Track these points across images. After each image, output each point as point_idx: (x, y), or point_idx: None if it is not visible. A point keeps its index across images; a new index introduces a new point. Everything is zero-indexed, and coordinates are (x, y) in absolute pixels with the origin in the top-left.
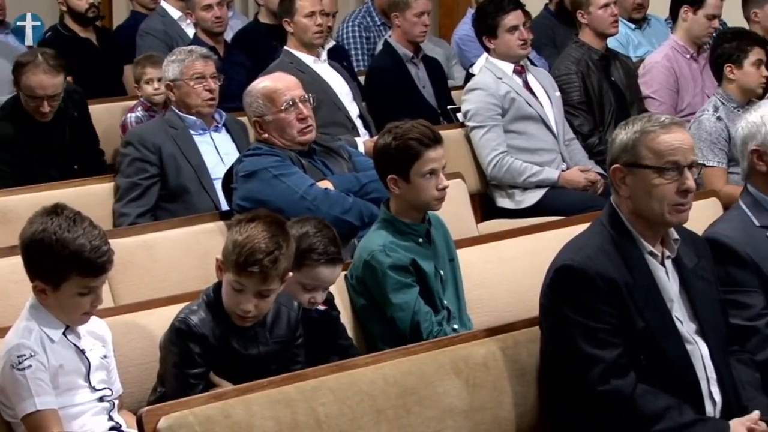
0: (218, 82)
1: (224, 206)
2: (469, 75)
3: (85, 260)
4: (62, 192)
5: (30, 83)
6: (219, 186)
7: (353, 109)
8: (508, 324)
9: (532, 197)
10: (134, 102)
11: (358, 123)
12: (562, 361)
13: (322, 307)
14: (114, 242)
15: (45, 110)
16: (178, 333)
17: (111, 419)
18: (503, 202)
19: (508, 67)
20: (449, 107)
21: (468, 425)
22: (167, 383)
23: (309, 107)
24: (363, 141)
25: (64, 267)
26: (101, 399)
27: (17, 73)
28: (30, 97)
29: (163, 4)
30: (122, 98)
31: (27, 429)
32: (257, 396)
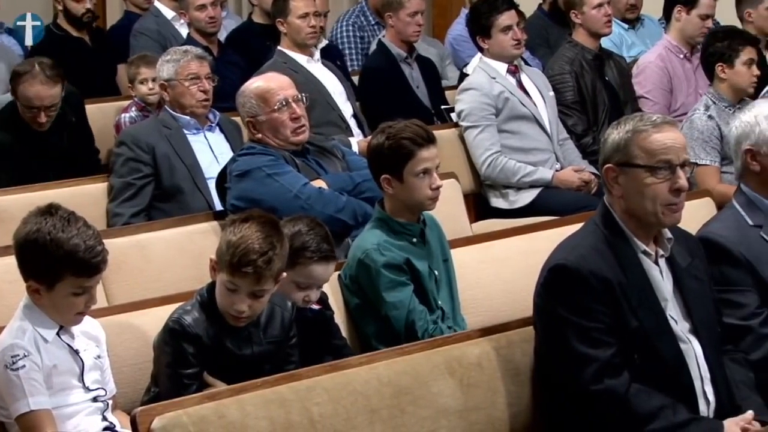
0: (212, 83)
1: (218, 206)
2: (463, 75)
3: (80, 260)
4: (56, 192)
5: (27, 94)
6: (213, 186)
7: (347, 109)
8: (502, 324)
9: (526, 197)
10: (128, 102)
11: (352, 123)
12: (556, 361)
13: (316, 307)
14: (108, 242)
15: (42, 120)
16: (172, 333)
17: (105, 419)
18: (497, 202)
19: (502, 67)
20: (443, 107)
21: (462, 425)
22: (161, 383)
23: (302, 107)
24: (357, 141)
25: (59, 267)
26: (95, 399)
27: (14, 83)
28: (27, 108)
29: (157, 4)
30: (116, 98)
31: (21, 429)
32: (251, 396)
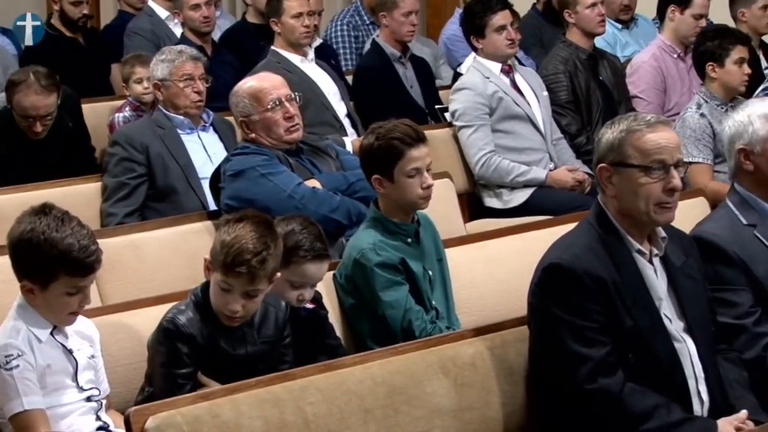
0: (206, 84)
1: (212, 206)
2: (457, 74)
3: (74, 260)
4: (50, 192)
5: (22, 104)
6: (206, 185)
7: (341, 109)
8: (496, 323)
9: (520, 197)
10: (122, 102)
11: (346, 122)
12: (550, 360)
13: (310, 306)
14: (101, 242)
15: (38, 130)
16: (166, 333)
17: (99, 419)
18: (491, 202)
19: (496, 67)
20: (437, 107)
21: (456, 425)
22: (155, 383)
23: (295, 106)
24: (350, 140)
25: (53, 267)
26: (89, 399)
27: (9, 93)
28: (23, 117)
29: (151, 4)
30: (110, 98)
31: (14, 429)
32: (245, 396)
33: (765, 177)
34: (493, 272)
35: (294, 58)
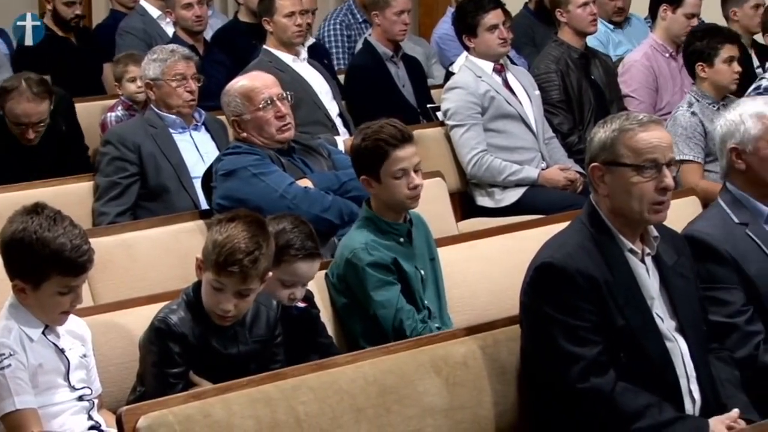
0: (198, 83)
1: (204, 205)
2: (449, 74)
3: (66, 259)
4: (41, 191)
5: (14, 111)
6: (198, 185)
7: (333, 108)
8: (488, 322)
9: (512, 196)
10: (114, 101)
11: (338, 122)
12: (542, 359)
13: (302, 305)
14: (93, 241)
15: (30, 137)
16: (158, 332)
17: (90, 418)
18: (483, 201)
19: (488, 66)
20: (429, 106)
21: (448, 424)
22: (147, 383)
23: (287, 105)
24: (343, 140)
25: (45, 266)
26: (80, 398)
27: (1, 100)
28: (15, 124)
29: (143, 3)
30: (102, 97)
31: (6, 428)
32: (237, 395)
33: (757, 176)
34: (485, 271)
35: (286, 58)
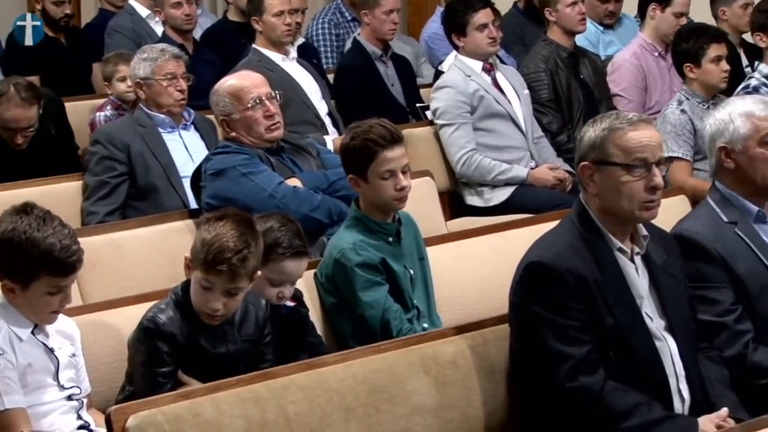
0: (188, 82)
1: (193, 204)
2: (438, 73)
3: (55, 260)
4: (30, 190)
5: (3, 116)
6: (188, 184)
7: (322, 108)
8: (478, 322)
9: (501, 195)
10: (103, 100)
11: (327, 121)
12: (531, 358)
13: (291, 304)
14: (82, 241)
15: (19, 141)
16: (147, 332)
17: (80, 418)
18: (472, 200)
19: (477, 65)
20: (418, 105)
21: (437, 423)
22: (136, 382)
23: (276, 104)
24: (332, 139)
25: (34, 266)
26: (70, 398)
27: None
28: (3, 129)
29: (132, 2)
30: (91, 96)
31: None
32: (226, 394)
33: (746, 175)
34: (475, 270)
35: (275, 57)
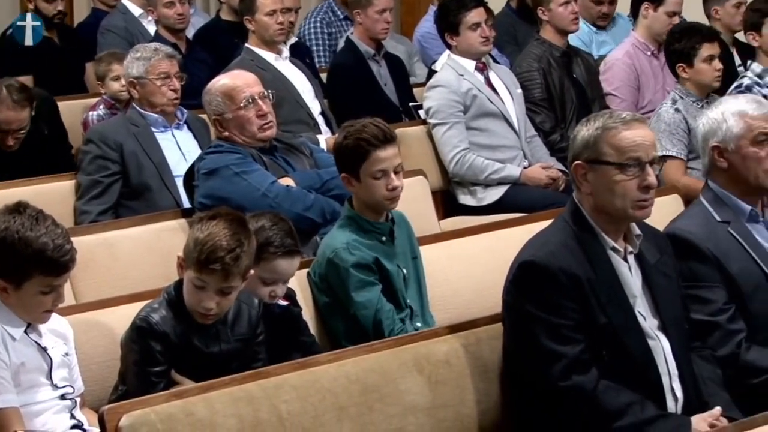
0: (181, 82)
1: (186, 204)
2: (431, 72)
3: (48, 259)
4: (23, 190)
5: None
6: (180, 183)
7: (315, 107)
8: (471, 321)
9: (494, 194)
10: (96, 99)
11: (320, 120)
12: (525, 357)
13: (284, 303)
14: (75, 240)
15: (10, 143)
16: (139, 331)
17: (73, 417)
18: (465, 199)
19: (470, 64)
20: (411, 104)
21: (430, 422)
22: (128, 381)
23: (268, 103)
24: (325, 138)
25: (27, 266)
26: (63, 397)
27: None
28: None
29: (124, 1)
30: (84, 96)
31: None
32: (219, 394)
33: (739, 174)
34: (468, 270)
35: (268, 56)
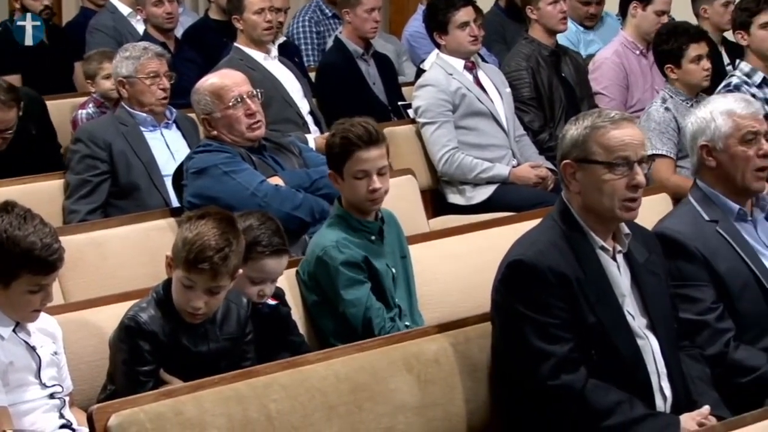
0: (171, 81)
1: (175, 203)
2: (420, 71)
3: (36, 258)
4: (11, 189)
5: None
6: (169, 183)
7: (304, 106)
8: (460, 320)
9: (483, 193)
10: (84, 98)
11: (309, 119)
12: (514, 357)
13: (273, 302)
14: (64, 239)
15: None
16: (128, 330)
17: (62, 417)
18: (454, 198)
19: (459, 63)
20: (400, 103)
21: (419, 421)
22: (117, 381)
23: (257, 103)
24: (314, 137)
25: (15, 265)
26: (52, 396)
27: None
28: None
29: (113, 1)
30: (73, 95)
31: None
32: (208, 393)
33: (727, 173)
34: (457, 269)
35: (257, 55)
